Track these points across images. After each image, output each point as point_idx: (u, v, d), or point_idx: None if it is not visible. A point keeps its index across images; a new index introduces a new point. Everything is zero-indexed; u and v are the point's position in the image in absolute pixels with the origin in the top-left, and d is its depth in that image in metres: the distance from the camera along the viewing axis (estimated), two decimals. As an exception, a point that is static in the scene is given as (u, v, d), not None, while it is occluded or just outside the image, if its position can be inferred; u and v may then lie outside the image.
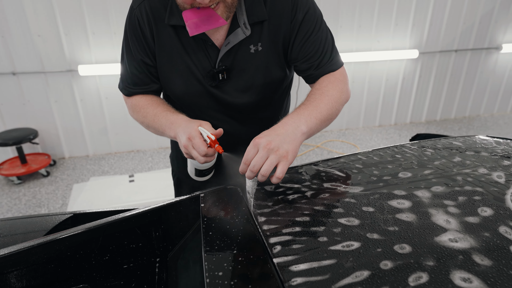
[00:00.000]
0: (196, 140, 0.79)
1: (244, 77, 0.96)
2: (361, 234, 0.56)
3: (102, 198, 2.72)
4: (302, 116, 0.82)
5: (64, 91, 3.16)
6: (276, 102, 1.08)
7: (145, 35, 0.93)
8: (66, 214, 1.08)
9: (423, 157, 0.85)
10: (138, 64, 0.97)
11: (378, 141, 3.81)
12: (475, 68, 4.27)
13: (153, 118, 0.95)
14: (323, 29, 0.93)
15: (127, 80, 1.02)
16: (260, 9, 0.88)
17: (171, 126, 0.89)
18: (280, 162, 0.72)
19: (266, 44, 0.92)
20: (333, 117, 0.90)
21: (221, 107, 1.01)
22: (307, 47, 0.93)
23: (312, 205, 0.67)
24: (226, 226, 0.64)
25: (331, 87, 0.91)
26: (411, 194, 0.67)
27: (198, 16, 0.81)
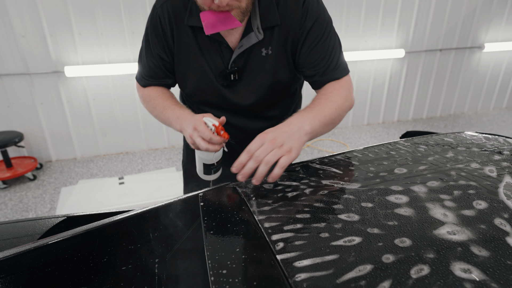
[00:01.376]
0: (201, 128, 0.84)
1: (254, 78, 1.00)
2: (362, 229, 0.57)
3: (91, 201, 2.67)
4: (307, 117, 0.85)
5: (50, 92, 3.10)
6: (284, 103, 1.12)
7: (165, 33, 0.99)
8: (59, 217, 1.06)
9: (417, 153, 0.86)
10: (155, 58, 1.03)
11: (367, 139, 3.86)
12: (459, 67, 4.38)
13: (161, 110, 1.02)
14: (331, 37, 0.96)
15: (144, 72, 1.08)
16: (273, 14, 0.92)
17: (177, 120, 0.95)
18: (283, 156, 0.75)
19: (276, 48, 0.96)
20: (336, 122, 0.93)
21: (230, 105, 1.06)
22: (314, 55, 0.96)
23: (311, 202, 0.68)
24: (227, 225, 0.65)
25: (336, 93, 0.95)
26: (408, 190, 0.68)
27: (215, 17, 0.85)
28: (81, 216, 1.07)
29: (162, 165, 3.28)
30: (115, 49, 3.11)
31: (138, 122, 3.46)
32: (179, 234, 0.81)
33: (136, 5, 3.03)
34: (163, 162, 3.35)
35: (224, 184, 0.82)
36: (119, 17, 3.03)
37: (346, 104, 0.96)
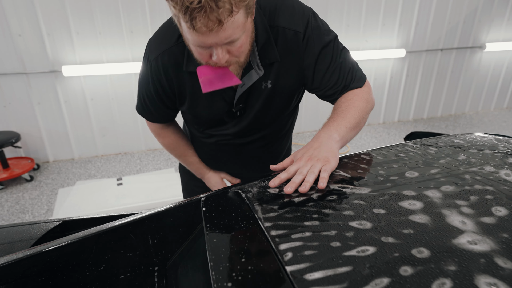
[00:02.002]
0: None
1: (256, 110, 1.00)
2: (376, 238, 0.54)
3: (89, 202, 2.63)
4: (332, 126, 0.87)
5: (48, 92, 3.05)
6: (283, 120, 1.13)
7: (163, 85, 0.96)
8: (55, 222, 1.02)
9: (427, 155, 0.83)
10: (161, 107, 1.04)
11: (368, 140, 3.83)
12: (460, 67, 4.36)
13: (183, 161, 1.26)
14: (341, 53, 0.94)
15: (147, 113, 1.09)
16: (272, 52, 0.90)
17: (201, 176, 1.26)
18: (323, 166, 0.75)
19: (274, 81, 0.95)
20: (361, 125, 0.94)
21: (233, 131, 1.07)
22: (329, 77, 0.94)
23: (320, 208, 0.64)
24: (231, 232, 0.61)
25: (357, 99, 0.93)
26: (421, 195, 0.65)
27: (212, 73, 0.81)
28: (78, 220, 1.03)
29: (161, 166, 3.24)
30: (113, 49, 3.07)
31: (136, 122, 3.42)
32: (180, 240, 0.77)
33: (134, 4, 2.99)
34: (162, 162, 3.31)
35: (227, 188, 0.78)
36: (117, 16, 2.98)
37: (368, 107, 0.95)
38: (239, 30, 0.72)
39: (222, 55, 0.76)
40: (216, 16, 0.66)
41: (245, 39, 0.77)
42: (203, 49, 0.76)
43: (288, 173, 0.76)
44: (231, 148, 1.13)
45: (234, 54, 0.78)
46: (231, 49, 0.76)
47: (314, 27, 0.90)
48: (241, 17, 0.71)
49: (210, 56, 0.77)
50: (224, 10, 0.66)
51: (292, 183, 0.72)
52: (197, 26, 0.67)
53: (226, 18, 0.67)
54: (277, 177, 0.75)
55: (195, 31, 0.68)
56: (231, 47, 0.75)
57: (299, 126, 3.99)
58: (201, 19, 0.66)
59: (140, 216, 0.76)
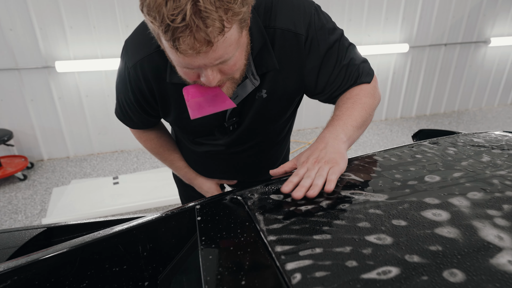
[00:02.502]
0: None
1: (249, 122, 0.90)
2: (398, 257, 0.46)
3: (84, 202, 2.56)
4: (338, 126, 0.78)
5: (41, 89, 2.96)
6: (280, 127, 1.03)
7: (143, 94, 0.85)
8: (38, 228, 0.95)
9: (446, 157, 0.75)
10: (142, 115, 0.94)
11: (370, 137, 3.76)
12: (464, 62, 4.27)
13: (169, 166, 1.15)
14: (346, 51, 0.84)
15: (127, 120, 0.99)
16: (269, 59, 0.78)
17: (190, 181, 1.16)
18: (331, 168, 0.68)
19: (270, 90, 0.84)
20: (367, 123, 0.85)
21: (225, 142, 0.98)
22: (334, 79, 0.84)
23: (331, 219, 0.56)
24: (229, 247, 0.53)
25: (363, 94, 0.84)
26: (446, 203, 0.57)
27: (202, 95, 0.70)
28: (63, 226, 0.95)
29: (158, 164, 3.16)
30: (108, 44, 2.98)
31: (133, 119, 3.32)
32: (172, 252, 0.69)
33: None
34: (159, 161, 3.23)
35: (225, 194, 0.70)
36: (112, 9, 2.89)
37: (375, 103, 0.87)
38: (232, 48, 0.61)
39: (213, 76, 0.64)
40: (204, 37, 0.55)
41: (239, 56, 0.66)
42: (190, 69, 0.65)
43: (299, 176, 0.67)
44: (223, 156, 1.03)
45: (227, 73, 0.67)
46: (224, 68, 0.65)
47: (318, 27, 0.79)
48: (234, 33, 0.59)
49: (198, 76, 0.67)
50: (213, 29, 0.54)
51: (301, 187, 0.64)
52: (181, 48, 0.56)
53: (216, 37, 0.56)
54: (289, 181, 0.66)
55: (180, 53, 0.57)
56: (223, 65, 0.64)
57: (300, 123, 3.91)
58: (185, 40, 0.55)
59: (127, 226, 0.68)
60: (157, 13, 0.53)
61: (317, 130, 3.93)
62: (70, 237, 0.96)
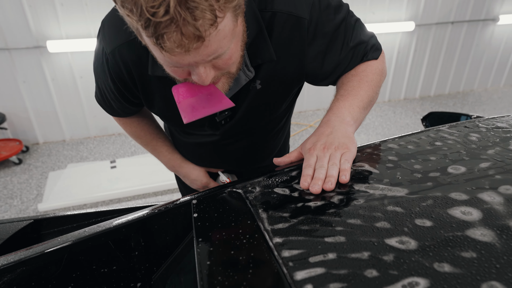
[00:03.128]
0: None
1: (244, 116, 0.80)
2: (426, 266, 0.39)
3: (81, 186, 2.51)
4: (344, 108, 0.71)
5: (33, 70, 2.86)
6: (276, 119, 0.94)
7: (125, 82, 0.75)
8: (25, 221, 0.88)
9: (470, 144, 0.68)
10: (124, 104, 0.84)
11: (373, 119, 3.67)
12: (471, 41, 4.13)
13: (151, 150, 1.02)
14: (353, 30, 0.74)
15: (108, 107, 0.90)
16: (266, 49, 0.68)
17: (174, 169, 1.03)
18: (343, 155, 0.62)
19: (264, 81, 0.74)
20: (374, 102, 0.78)
21: (217, 136, 0.90)
22: (340, 62, 0.76)
23: (344, 217, 0.49)
24: (230, 252, 0.47)
25: (370, 71, 0.76)
26: (475, 199, 0.50)
27: (194, 94, 0.61)
28: (51, 218, 0.89)
29: (157, 148, 3.09)
30: (101, 21, 2.84)
31: (130, 101, 3.23)
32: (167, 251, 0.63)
33: (123, -29, 2.73)
34: (157, 144, 3.16)
35: (224, 187, 0.63)
36: (104, -15, 2.74)
37: (382, 80, 0.79)
38: (226, 41, 0.52)
39: (206, 73, 0.55)
40: (193, 31, 0.45)
41: (235, 47, 0.57)
42: (178, 68, 0.56)
43: (311, 167, 0.60)
44: (216, 147, 0.94)
45: (222, 68, 0.58)
46: (218, 63, 0.56)
47: (323, 6, 0.69)
48: (228, 23, 0.50)
49: (188, 73, 0.58)
50: (204, 22, 0.45)
51: (317, 180, 0.57)
52: (166, 46, 0.46)
53: (208, 31, 0.46)
54: (305, 175, 0.59)
55: (165, 51, 0.48)
56: (217, 60, 0.55)
57: (301, 105, 3.81)
58: (171, 37, 0.45)
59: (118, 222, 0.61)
60: (133, 5, 0.43)
61: (319, 112, 3.84)
62: (60, 229, 0.90)
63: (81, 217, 0.89)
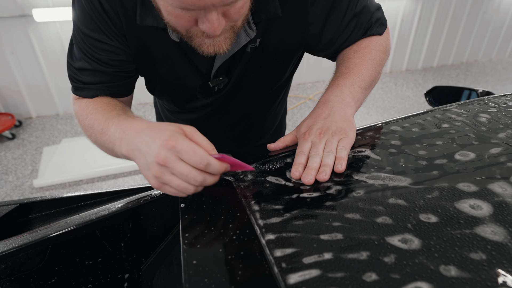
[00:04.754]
0: (185, 145, 0.46)
1: (240, 81, 0.73)
2: (431, 268, 0.36)
3: (76, 162, 2.47)
4: (344, 87, 0.66)
5: (20, 40, 2.73)
6: (276, 93, 0.88)
7: (115, 24, 0.61)
8: (10, 205, 0.85)
9: (479, 126, 0.63)
10: (104, 60, 0.65)
11: (373, 91, 3.59)
12: (478, 8, 3.96)
13: (101, 127, 0.59)
14: None
15: (86, 79, 0.67)
16: (272, 4, 0.62)
17: (123, 136, 0.54)
18: (340, 141, 0.57)
19: (263, 40, 0.67)
20: (375, 82, 0.72)
21: (209, 108, 0.82)
22: (343, 31, 0.70)
23: (342, 211, 0.46)
24: (218, 250, 0.43)
25: (373, 47, 0.71)
26: (485, 190, 0.46)
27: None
28: (37, 202, 0.86)
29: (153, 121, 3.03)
30: (89, -12, 2.68)
31: (123, 73, 3.13)
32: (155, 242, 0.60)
33: None
34: (153, 117, 3.09)
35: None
36: None
37: (385, 58, 0.74)
38: None
39: (219, 21, 0.49)
40: None
41: None
42: (186, 11, 0.48)
43: (305, 154, 0.56)
44: (210, 125, 0.88)
45: (232, 18, 0.52)
46: (229, 12, 0.50)
47: None
48: None
49: (194, 23, 0.51)
50: None
51: (310, 169, 0.53)
52: None
53: None
54: (297, 164, 0.54)
55: None
56: (230, 8, 0.49)
57: (300, 77, 3.71)
58: None
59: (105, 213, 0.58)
60: None
61: (318, 84, 3.74)
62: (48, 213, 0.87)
63: (69, 200, 0.86)
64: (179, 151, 0.46)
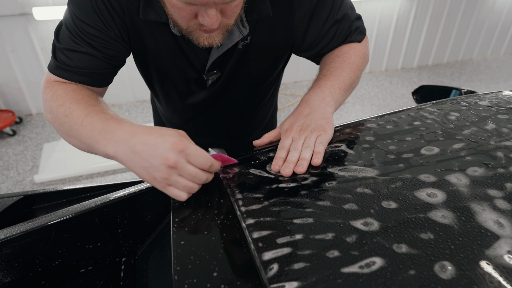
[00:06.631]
0: (193, 149, 0.51)
1: (232, 76, 0.80)
2: (386, 247, 0.42)
3: (76, 158, 2.52)
4: (325, 87, 0.72)
5: (20, 38, 2.77)
6: (266, 88, 0.94)
7: (116, 13, 0.65)
8: (15, 196, 0.91)
9: (448, 124, 0.69)
10: (97, 47, 0.66)
11: (369, 89, 3.64)
12: (473, 6, 4.00)
13: (81, 120, 0.58)
14: (342, 1, 0.74)
15: (71, 62, 0.66)
16: (264, 5, 0.68)
17: (111, 136, 0.54)
18: (318, 137, 0.63)
19: (257, 37, 0.73)
20: (354, 85, 0.78)
21: (202, 101, 0.87)
22: (325, 34, 0.76)
23: (315, 199, 0.51)
24: (203, 232, 0.49)
25: (353, 53, 0.77)
26: (443, 181, 0.52)
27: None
28: (41, 194, 0.91)
29: (151, 118, 3.08)
30: (88, -13, 2.72)
31: (122, 71, 3.17)
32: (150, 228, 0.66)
33: None
34: (151, 115, 3.15)
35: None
36: None
37: (364, 64, 0.80)
38: None
39: (217, 17, 0.56)
40: None
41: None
42: (189, 5, 0.54)
43: (285, 149, 0.62)
44: (204, 120, 0.95)
45: (227, 15, 0.59)
46: (226, 9, 0.57)
47: None
48: None
49: (194, 16, 0.57)
50: None
51: (288, 162, 0.58)
52: None
53: None
54: (278, 158, 0.60)
55: None
56: (227, 6, 0.56)
57: (296, 75, 3.76)
58: None
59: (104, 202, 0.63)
60: None
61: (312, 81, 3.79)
62: (51, 204, 0.93)
63: (70, 192, 0.92)
64: (188, 154, 0.51)
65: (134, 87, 3.29)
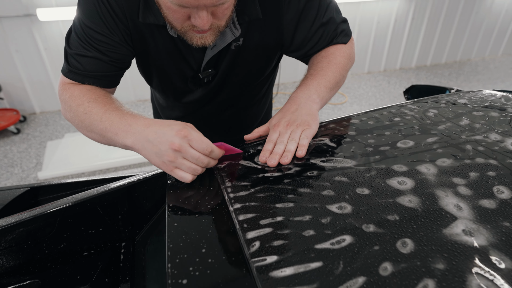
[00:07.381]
0: (194, 135, 0.58)
1: (227, 75, 0.85)
2: (356, 226, 0.47)
3: (78, 155, 2.59)
4: (311, 86, 0.77)
5: (24, 39, 2.84)
6: (260, 86, 1.00)
7: (119, 18, 0.70)
8: (22, 188, 0.96)
9: (425, 120, 0.73)
10: (105, 53, 0.72)
11: (367, 89, 3.68)
12: (471, 7, 4.04)
13: (100, 116, 0.66)
14: (328, 5, 0.80)
15: (84, 68, 0.73)
16: (253, 7, 0.74)
17: (129, 129, 0.62)
18: (303, 131, 0.68)
19: (246, 38, 0.79)
20: (340, 84, 0.84)
21: (199, 98, 0.93)
22: (312, 36, 0.81)
23: (296, 186, 0.56)
24: (195, 215, 0.54)
25: (338, 54, 0.82)
26: (413, 170, 0.57)
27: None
28: (47, 186, 0.97)
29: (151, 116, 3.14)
30: (91, -12, 2.78)
31: (124, 71, 3.24)
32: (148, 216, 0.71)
33: None
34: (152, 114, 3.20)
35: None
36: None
37: (349, 64, 0.85)
38: None
39: (208, 18, 0.61)
40: None
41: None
42: (182, 8, 0.59)
43: (272, 142, 0.67)
44: (203, 116, 1.00)
45: (218, 17, 0.64)
46: (216, 11, 0.62)
47: None
48: None
49: (187, 18, 0.62)
50: None
51: (274, 154, 0.64)
52: None
53: None
54: (265, 150, 0.65)
55: None
56: (217, 8, 0.61)
57: (295, 75, 3.81)
58: None
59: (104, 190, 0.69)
60: None
61: (314, 81, 3.84)
62: (55, 196, 0.98)
63: (74, 185, 0.97)
64: (190, 140, 0.58)
65: (135, 86, 3.35)
